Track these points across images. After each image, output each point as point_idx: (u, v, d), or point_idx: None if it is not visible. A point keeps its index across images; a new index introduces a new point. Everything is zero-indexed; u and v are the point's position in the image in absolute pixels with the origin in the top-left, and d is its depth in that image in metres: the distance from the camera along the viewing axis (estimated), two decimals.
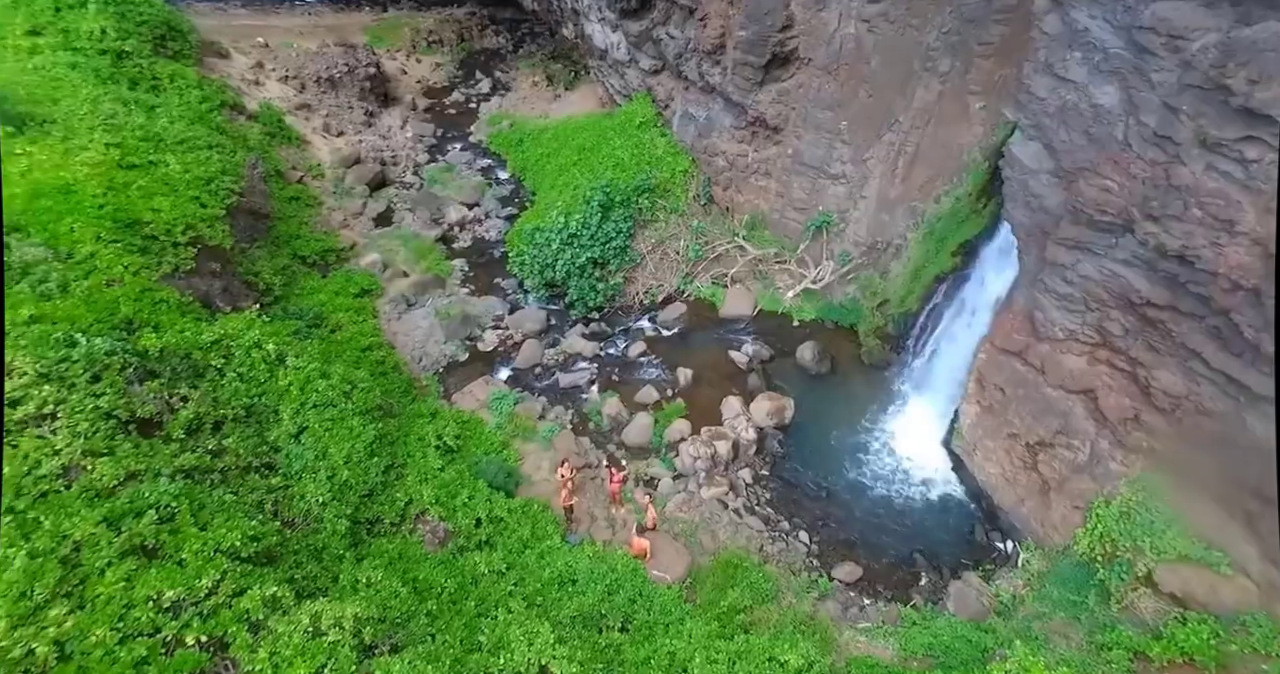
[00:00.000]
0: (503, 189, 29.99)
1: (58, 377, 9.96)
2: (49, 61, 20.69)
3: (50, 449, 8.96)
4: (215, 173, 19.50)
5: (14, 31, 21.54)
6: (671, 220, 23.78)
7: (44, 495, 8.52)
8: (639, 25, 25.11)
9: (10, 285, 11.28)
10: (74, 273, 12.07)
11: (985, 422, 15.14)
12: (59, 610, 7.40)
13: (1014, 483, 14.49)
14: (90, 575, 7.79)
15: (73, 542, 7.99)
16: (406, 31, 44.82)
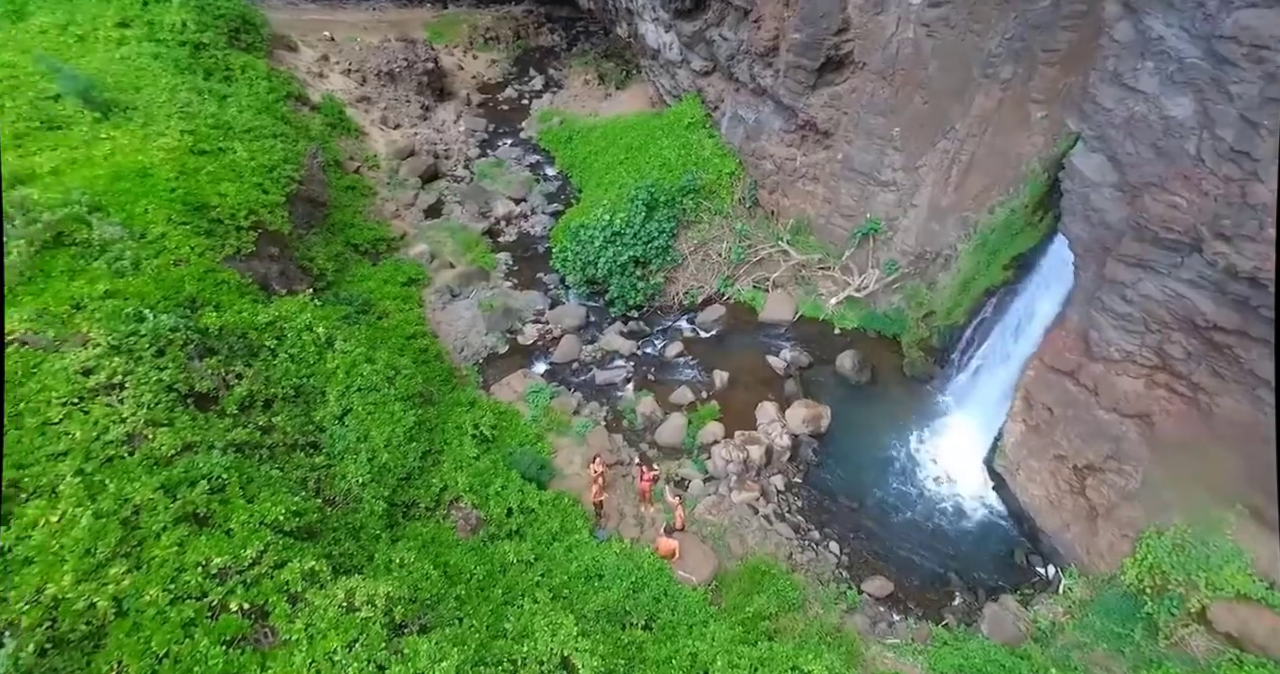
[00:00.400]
0: (550, 185, 30.34)
1: (127, 349, 10.51)
2: (134, 52, 21.82)
3: (118, 417, 9.47)
4: (278, 161, 20.26)
5: (105, 23, 22.80)
6: (715, 222, 23.67)
7: (109, 460, 9.01)
8: (692, 26, 25.06)
9: (90, 261, 11.96)
10: (146, 252, 12.73)
11: (1030, 441, 14.62)
12: (118, 569, 7.83)
13: (1059, 506, 13.96)
14: (147, 538, 8.22)
15: (133, 505, 8.44)
16: (465, 28, 45.77)
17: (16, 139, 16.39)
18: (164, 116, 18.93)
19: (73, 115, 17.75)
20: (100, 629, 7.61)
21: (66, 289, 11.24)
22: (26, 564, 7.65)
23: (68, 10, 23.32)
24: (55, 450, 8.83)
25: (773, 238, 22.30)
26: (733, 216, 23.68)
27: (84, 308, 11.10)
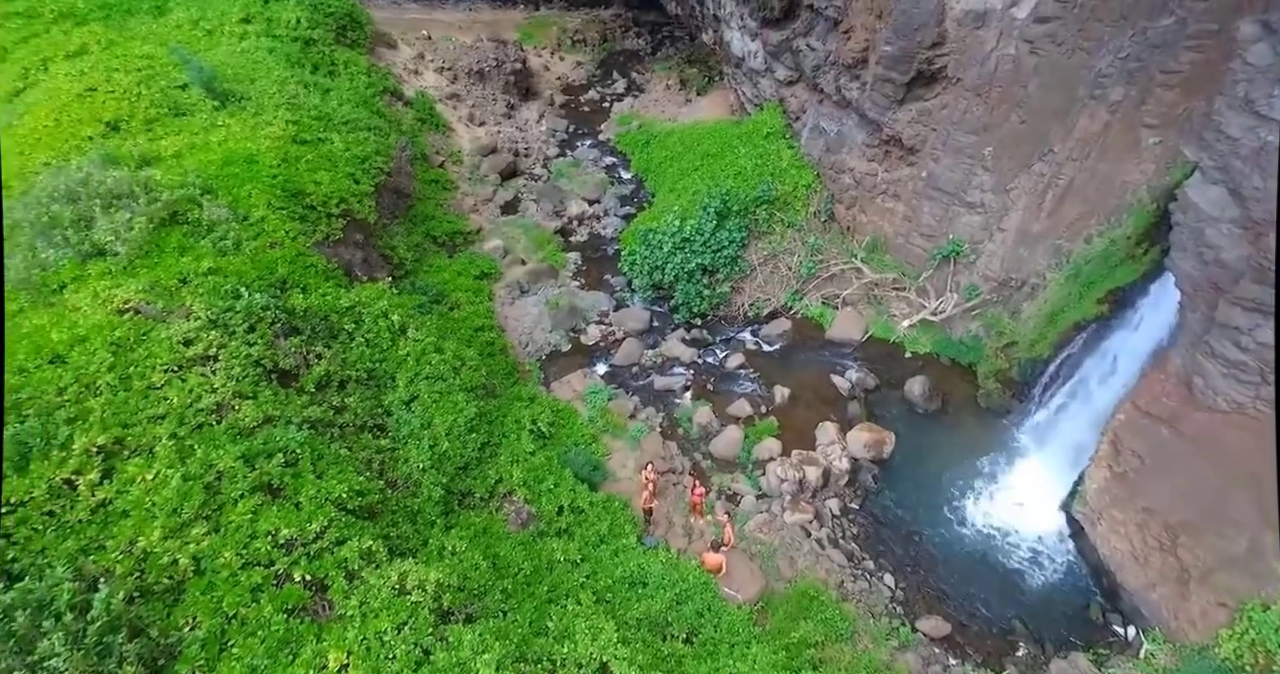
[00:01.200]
0: (624, 188, 30.58)
1: (223, 324, 11.23)
2: (253, 46, 23.39)
3: (210, 387, 10.13)
4: (370, 153, 21.26)
5: (231, 19, 24.55)
6: (787, 234, 23.24)
7: (199, 427, 9.65)
8: (779, 35, 24.71)
9: (198, 239, 12.88)
10: (246, 233, 13.58)
11: (1116, 490, 13.59)
12: (199, 530, 8.36)
13: (1144, 564, 12.91)
14: (226, 504, 8.75)
15: (216, 471, 9.00)
16: (554, 30, 46.83)
17: (148, 123, 17.86)
18: (273, 107, 20.18)
19: (196, 103, 19.18)
20: (180, 585, 8.14)
21: (176, 264, 12.13)
22: (123, 516, 8.28)
23: (200, 7, 25.25)
24: (155, 413, 9.53)
25: (846, 254, 21.68)
26: (806, 230, 23.19)
27: (189, 282, 11.94)
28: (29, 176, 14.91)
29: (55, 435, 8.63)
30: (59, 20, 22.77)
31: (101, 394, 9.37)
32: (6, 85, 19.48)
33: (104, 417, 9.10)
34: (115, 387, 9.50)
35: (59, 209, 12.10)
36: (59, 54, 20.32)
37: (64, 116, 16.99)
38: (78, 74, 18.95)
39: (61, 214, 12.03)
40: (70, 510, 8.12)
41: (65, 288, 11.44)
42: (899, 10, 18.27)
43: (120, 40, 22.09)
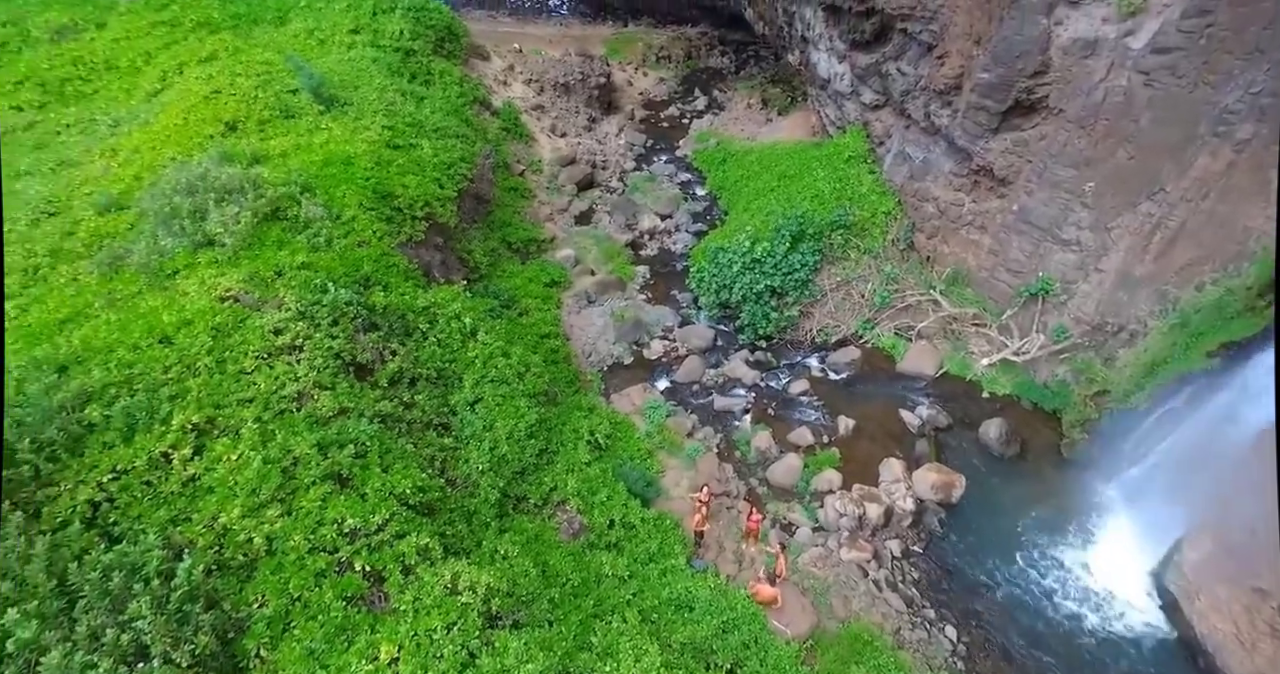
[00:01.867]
0: (697, 205, 30.63)
1: (310, 316, 11.87)
2: (359, 55, 24.86)
3: (293, 375, 10.71)
4: (456, 159, 22.12)
5: (342, 29, 26.20)
6: (862, 261, 22.63)
7: (281, 413, 10.20)
8: (869, 58, 24.28)
9: (295, 234, 13.72)
10: (338, 231, 14.36)
11: (1220, 564, 12.40)
12: (274, 512, 8.82)
13: (1251, 649, 11.68)
14: (299, 489, 9.19)
15: (293, 457, 9.47)
16: (640, 46, 47.71)
17: (261, 124, 19.22)
18: (371, 112, 21.33)
19: (304, 107, 20.50)
20: (252, 562, 8.59)
21: (274, 257, 12.93)
22: (209, 492, 8.83)
23: (316, 17, 27.08)
24: (244, 397, 10.14)
25: (924, 285, 20.89)
26: (883, 258, 22.52)
27: (284, 274, 12.70)
28: (158, 169, 16.29)
29: (158, 411, 9.31)
30: (196, 29, 24.89)
31: (200, 375, 10.04)
32: (148, 86, 21.42)
33: (200, 397, 9.75)
34: (212, 369, 10.17)
35: (179, 201, 13.14)
36: (193, 59, 22.19)
37: (191, 116, 18.51)
38: (206, 78, 20.64)
39: (181, 206, 13.06)
40: (164, 482, 8.72)
41: (178, 273, 12.38)
42: (1000, 37, 17.62)
43: (245, 47, 23.93)
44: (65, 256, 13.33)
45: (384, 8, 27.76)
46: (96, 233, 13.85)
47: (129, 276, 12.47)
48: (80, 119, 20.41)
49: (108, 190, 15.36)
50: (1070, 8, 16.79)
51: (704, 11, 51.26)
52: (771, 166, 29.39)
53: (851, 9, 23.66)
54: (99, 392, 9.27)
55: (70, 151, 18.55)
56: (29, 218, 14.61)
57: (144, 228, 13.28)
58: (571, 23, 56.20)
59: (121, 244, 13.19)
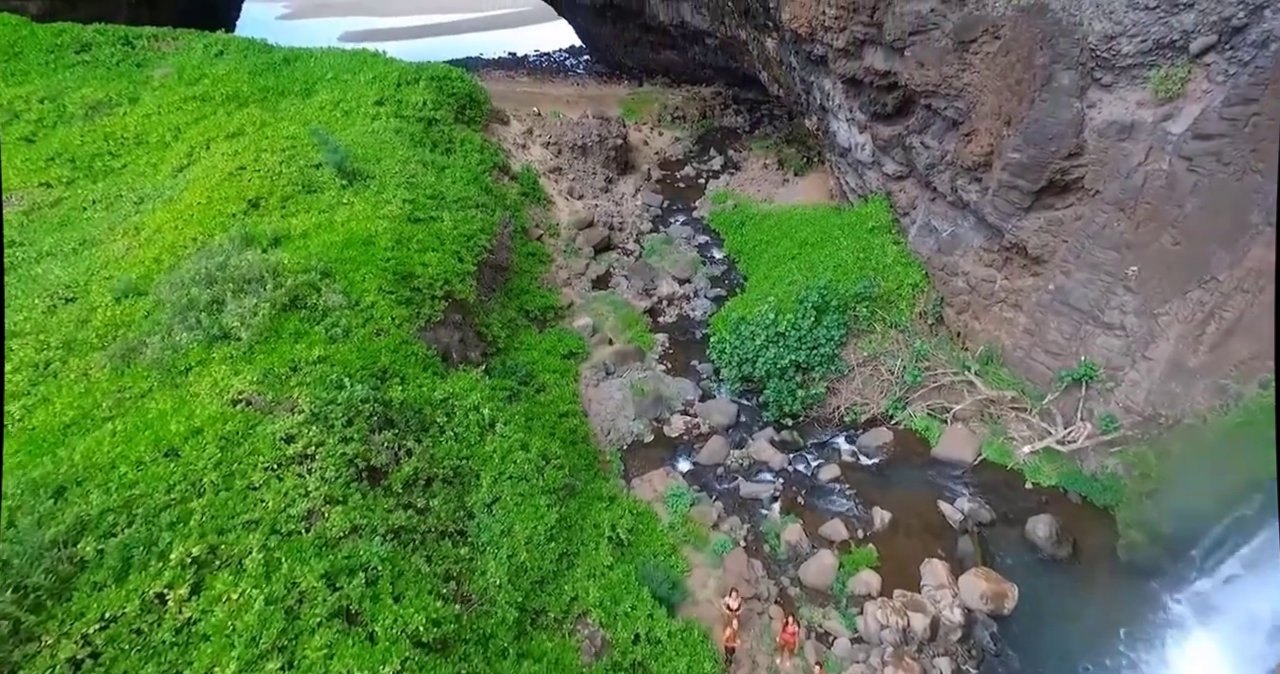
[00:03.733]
0: (715, 268, 30.32)
1: (324, 417, 11.31)
2: (383, 126, 25.17)
3: (303, 489, 10.06)
4: (475, 231, 21.97)
5: (366, 101, 26.61)
6: (890, 335, 21.97)
7: (289, 535, 9.51)
8: (891, 130, 24.23)
9: (313, 325, 13.31)
10: (356, 320, 13.96)
11: None
12: (274, 664, 8.01)
13: None
14: (303, 633, 8.40)
15: (299, 592, 8.73)
16: (655, 106, 48.66)
17: (284, 201, 19.18)
18: (393, 186, 21.33)
19: (327, 181, 20.53)
20: None
21: (290, 351, 12.48)
22: (204, 640, 8.06)
23: (342, 89, 27.60)
24: (250, 518, 9.48)
25: (957, 364, 20.12)
26: (911, 332, 21.86)
27: (299, 370, 12.23)
28: (179, 251, 16.13)
29: (156, 542, 8.65)
30: (225, 103, 25.38)
31: (205, 494, 9.43)
32: (175, 161, 21.63)
33: (202, 521, 9.10)
34: (218, 485, 9.56)
35: (197, 293, 12.83)
36: (220, 134, 22.48)
37: (215, 194, 18.52)
38: (232, 154, 20.81)
39: (199, 297, 12.74)
40: (157, 629, 7.98)
41: (191, 370, 11.93)
42: (1031, 118, 17.39)
43: (272, 121, 24.29)
44: (79, 348, 12.96)
45: (408, 78, 28.33)
46: (112, 321, 13.53)
47: (141, 372, 12.04)
48: (106, 195, 20.55)
49: (127, 274, 15.16)
50: (1103, 91, 16.57)
51: (718, 71, 52.47)
52: (791, 232, 29.18)
53: (873, 83, 23.78)
54: (96, 520, 8.66)
55: (94, 229, 18.54)
56: (46, 304, 14.35)
57: (160, 318, 12.95)
58: (588, 82, 57.77)
59: (136, 335, 12.83)
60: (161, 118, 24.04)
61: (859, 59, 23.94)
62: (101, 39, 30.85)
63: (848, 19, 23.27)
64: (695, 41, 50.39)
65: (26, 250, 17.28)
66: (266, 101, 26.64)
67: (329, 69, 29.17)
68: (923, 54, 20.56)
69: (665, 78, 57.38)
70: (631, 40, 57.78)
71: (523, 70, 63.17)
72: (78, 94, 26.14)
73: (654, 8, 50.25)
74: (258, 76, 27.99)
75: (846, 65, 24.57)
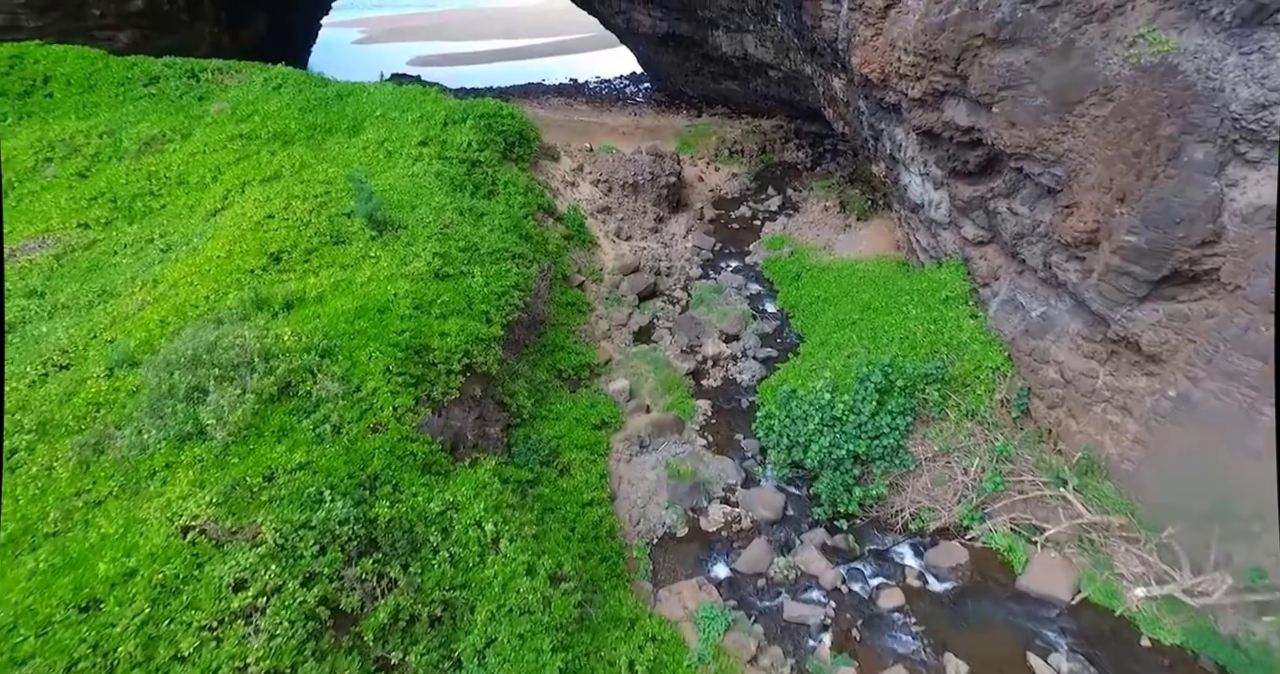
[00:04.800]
0: (767, 324, 27.85)
1: (290, 548, 9.55)
2: (423, 169, 23.97)
3: (240, 663, 8.24)
4: (509, 287, 20.29)
5: (411, 141, 25.54)
6: (964, 426, 19.03)
7: None
8: (973, 190, 21.42)
9: (301, 419, 11.67)
10: (351, 413, 12.26)
11: None
12: None
13: None
14: None
15: None
16: (714, 139, 46.75)
17: (307, 254, 17.95)
18: (424, 237, 19.90)
19: (356, 232, 19.27)
20: None
21: (269, 454, 10.84)
22: None
23: (389, 128, 26.68)
24: None
25: (1049, 471, 17.04)
26: (990, 424, 18.86)
27: (275, 480, 10.55)
28: (189, 311, 14.93)
29: None
30: (270, 141, 24.72)
31: (117, 669, 7.73)
32: (210, 205, 20.82)
33: None
34: (134, 659, 7.84)
35: (178, 379, 11.40)
36: (257, 177, 21.64)
37: (237, 247, 17.41)
38: (264, 200, 19.82)
39: (179, 384, 11.31)
40: None
41: (156, 475, 10.42)
42: (1152, 197, 14.48)
43: (313, 162, 23.42)
44: (53, 432, 11.68)
45: (455, 117, 27.23)
46: (96, 399, 12.26)
47: (105, 472, 10.61)
48: (138, 239, 19.85)
49: (129, 338, 13.98)
50: (1249, 168, 13.56)
51: (780, 104, 50.23)
52: (852, 291, 26.48)
53: (953, 138, 21.10)
54: None
55: (117, 279, 17.72)
56: (38, 372, 13.27)
57: (139, 404, 11.58)
58: (645, 112, 56.39)
59: (111, 421, 11.49)
60: (206, 156, 23.49)
61: (937, 111, 21.32)
62: (169, 72, 31.12)
63: (926, 68, 20.75)
64: (758, 74, 48.45)
65: (42, 303, 16.50)
66: (313, 139, 25.94)
67: (379, 106, 28.42)
68: (1014, 112, 17.83)
69: (725, 108, 55.57)
70: (692, 70, 56.33)
71: (582, 98, 62.44)
72: (135, 129, 26.05)
73: (717, 39, 48.63)
74: (308, 113, 27.43)
75: (923, 117, 21.98)
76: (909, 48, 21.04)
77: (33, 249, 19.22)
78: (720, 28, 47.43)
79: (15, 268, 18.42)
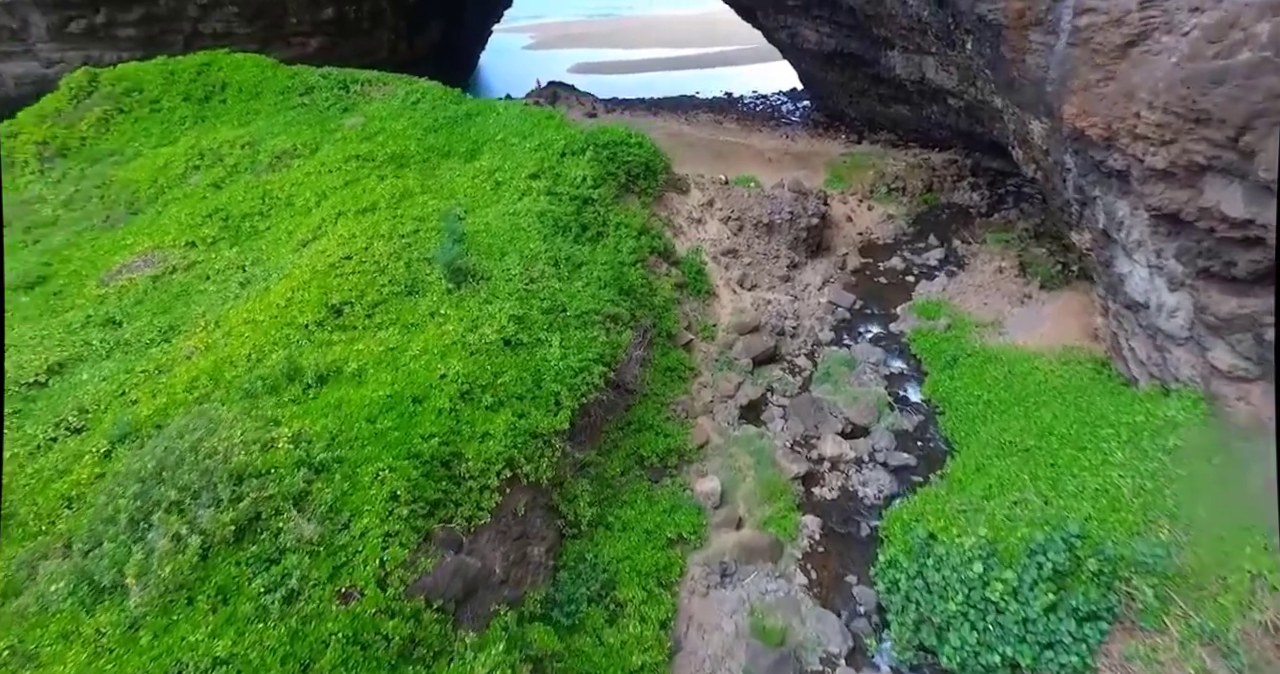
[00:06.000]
0: (907, 419, 22.20)
1: None
2: (528, 207, 21.29)
3: None
4: (591, 359, 16.92)
5: (522, 173, 22.99)
6: (1194, 652, 12.77)
7: None
8: (1237, 304, 14.70)
9: (251, 578, 8.95)
10: (320, 570, 9.37)
11: None
12: None
13: None
14: None
15: None
16: (871, 173, 40.54)
17: (372, 307, 15.72)
18: (505, 294, 17.08)
19: (433, 282, 16.87)
20: None
21: (192, 636, 8.15)
22: None
23: (504, 155, 24.43)
24: None
25: None
26: (1236, 655, 12.49)
27: None
28: (223, 371, 13.09)
29: None
30: (383, 165, 23.29)
31: None
32: (302, 235, 19.48)
33: None
34: None
35: (128, 500, 9.12)
36: (354, 207, 20.05)
37: (300, 294, 15.54)
38: (349, 236, 17.99)
39: (124, 510, 9.01)
40: None
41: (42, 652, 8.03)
42: None
43: (416, 191, 21.60)
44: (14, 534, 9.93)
45: (574, 148, 24.38)
46: (74, 491, 10.46)
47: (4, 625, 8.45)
48: (230, 266, 18.92)
49: (147, 404, 12.35)
50: None
51: (956, 134, 42.77)
52: (1027, 399, 20.14)
53: (1213, 231, 14.56)
54: None
55: (191, 312, 16.68)
56: (46, 436, 11.89)
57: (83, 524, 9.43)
58: (798, 135, 50.80)
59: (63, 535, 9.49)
60: (319, 177, 22.48)
61: (1192, 190, 14.88)
62: (324, 83, 31.40)
63: (1182, 130, 14.43)
64: (934, 100, 41.56)
65: (109, 336, 15.64)
66: (428, 163, 24.33)
67: (501, 129, 26.37)
68: None
69: (890, 134, 48.81)
70: (858, 90, 50.12)
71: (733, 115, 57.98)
72: (274, 141, 25.98)
73: (890, 60, 42.33)
74: (430, 134, 25.98)
75: (1166, 194, 15.56)
76: (1156, 102, 14.92)
77: (137, 267, 18.88)
78: (895, 48, 41.13)
79: (116, 288, 18.04)
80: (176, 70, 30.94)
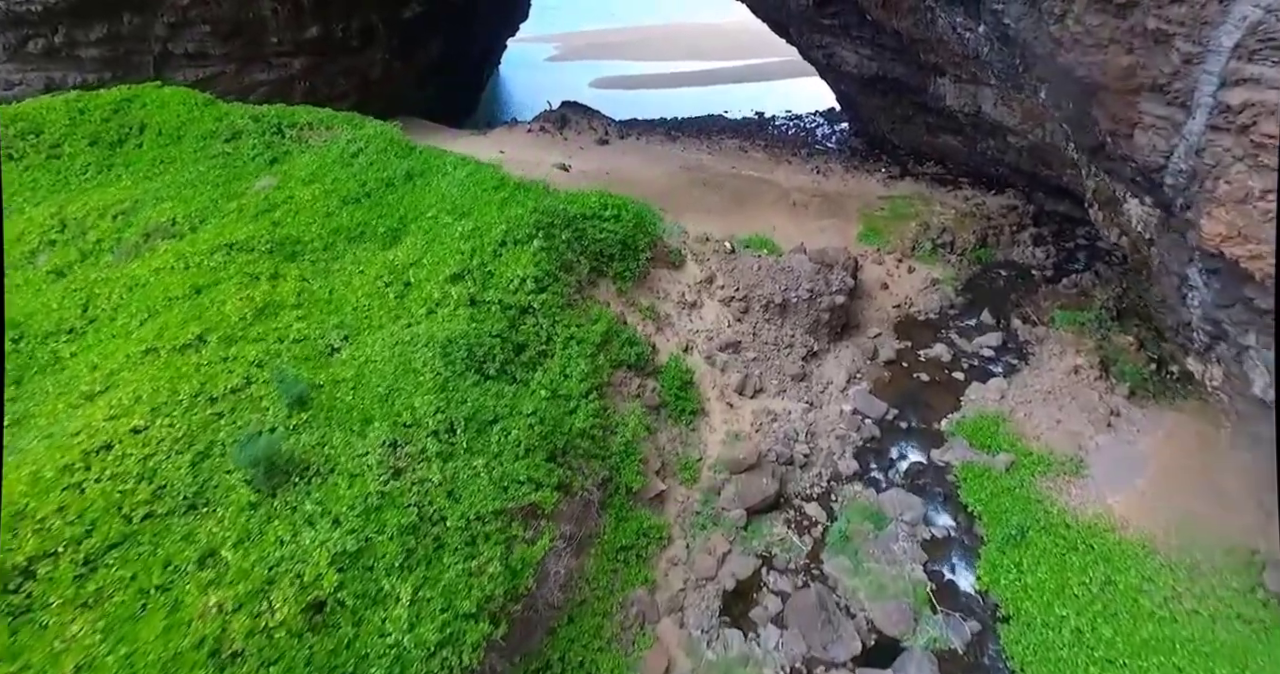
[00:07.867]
0: (954, 631, 15.21)
1: None
2: (433, 330, 15.13)
3: None
4: (469, 613, 10.75)
5: (443, 272, 16.75)
6: None
7: None
8: None
9: None
10: None
11: None
12: None
13: None
14: None
15: None
16: (913, 225, 32.88)
17: (94, 558, 9.79)
18: (346, 504, 11.01)
19: (233, 487, 10.92)
20: None
21: None
22: None
23: (429, 242, 18.26)
24: None
25: None
26: None
27: None
28: None
29: None
30: (266, 257, 17.16)
31: None
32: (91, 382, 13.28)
33: None
34: None
35: None
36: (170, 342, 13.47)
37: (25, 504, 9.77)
38: (133, 399, 12.12)
39: None
40: None
41: None
42: None
43: (289, 303, 15.70)
44: None
45: (518, 235, 18.03)
46: None
47: None
48: None
49: None
50: None
51: (1016, 173, 35.19)
52: (1143, 654, 13.12)
53: None
54: None
55: None
56: None
57: None
58: (832, 169, 43.00)
59: None
60: (169, 276, 16.53)
61: None
62: (254, 127, 25.89)
63: None
64: (990, 135, 34.06)
65: None
66: (329, 251, 18.41)
67: (439, 200, 20.33)
68: None
69: (938, 167, 41.19)
70: (902, 117, 42.63)
71: (761, 140, 50.40)
72: (156, 210, 20.51)
73: (940, 88, 34.93)
74: (346, 206, 20.06)
75: None
76: None
77: None
78: (946, 75, 33.71)
79: None
80: (88, 108, 25.81)
